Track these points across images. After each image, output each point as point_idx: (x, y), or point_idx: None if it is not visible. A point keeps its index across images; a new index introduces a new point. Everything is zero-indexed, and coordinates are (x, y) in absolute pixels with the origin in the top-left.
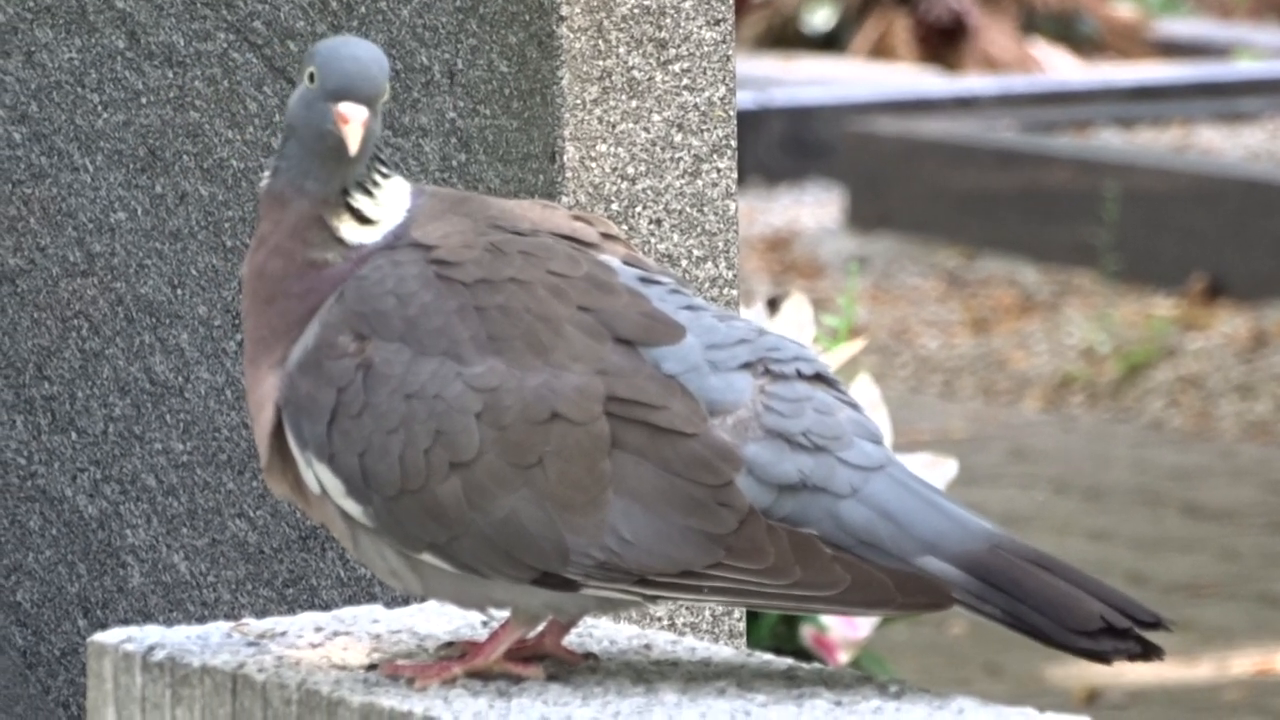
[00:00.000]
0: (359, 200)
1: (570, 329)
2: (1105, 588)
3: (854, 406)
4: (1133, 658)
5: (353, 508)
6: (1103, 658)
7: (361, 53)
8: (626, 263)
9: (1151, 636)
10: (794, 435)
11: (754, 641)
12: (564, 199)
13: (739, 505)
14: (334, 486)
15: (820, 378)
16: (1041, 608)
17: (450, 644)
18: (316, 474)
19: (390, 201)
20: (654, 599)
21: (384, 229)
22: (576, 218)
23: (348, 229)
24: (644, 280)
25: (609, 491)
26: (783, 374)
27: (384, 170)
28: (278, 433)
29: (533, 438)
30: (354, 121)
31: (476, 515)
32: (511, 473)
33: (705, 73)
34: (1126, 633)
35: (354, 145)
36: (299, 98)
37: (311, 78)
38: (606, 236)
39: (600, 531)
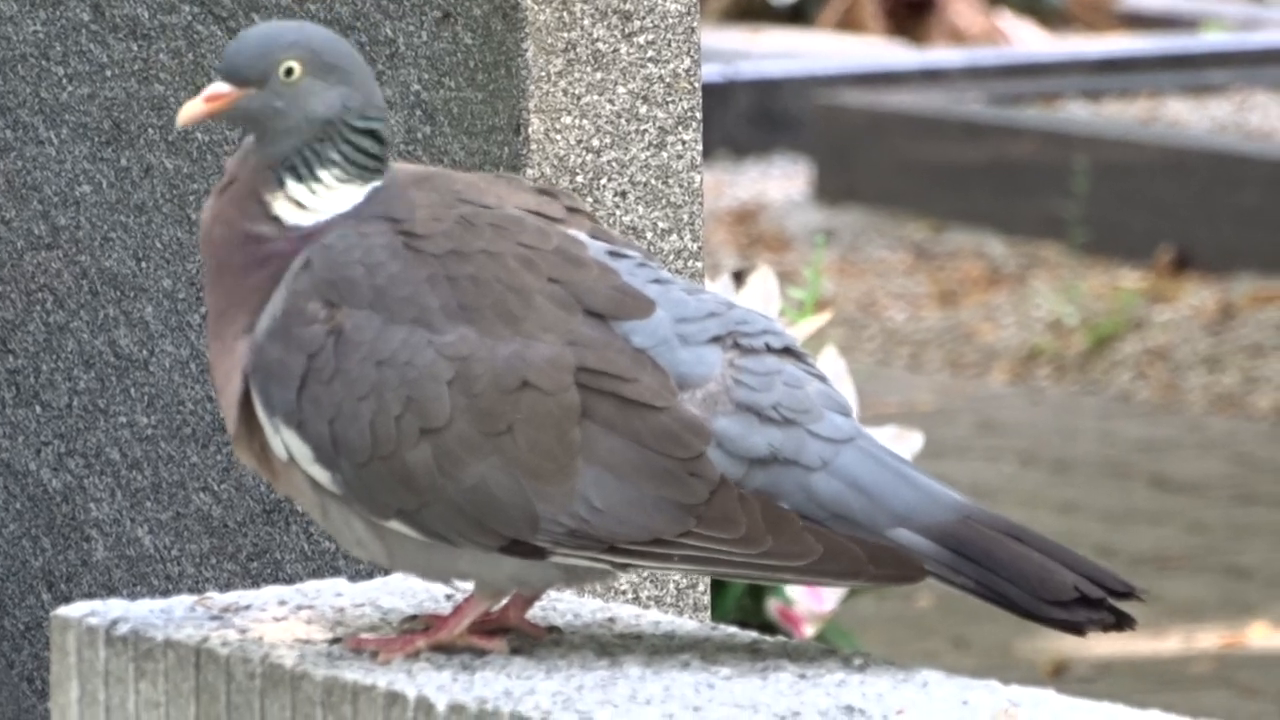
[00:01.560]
0: (289, 184)
1: (541, 300)
2: (1077, 557)
3: (822, 379)
4: (1106, 628)
5: (321, 474)
6: (1076, 628)
7: (250, 32)
8: (593, 236)
9: (1124, 606)
10: (764, 408)
11: (719, 615)
12: (529, 171)
13: (710, 476)
14: (302, 453)
15: (789, 351)
16: (1014, 578)
17: (414, 618)
18: (285, 440)
19: (329, 199)
20: (624, 567)
21: (318, 218)
22: (541, 191)
23: (281, 206)
24: (612, 254)
25: (579, 460)
26: (752, 347)
27: (337, 161)
28: (245, 401)
29: (503, 406)
30: (198, 99)
31: (446, 482)
32: (482, 440)
33: (670, 45)
34: (1100, 603)
35: (180, 119)
36: None
37: None
38: (571, 210)
39: (570, 499)
